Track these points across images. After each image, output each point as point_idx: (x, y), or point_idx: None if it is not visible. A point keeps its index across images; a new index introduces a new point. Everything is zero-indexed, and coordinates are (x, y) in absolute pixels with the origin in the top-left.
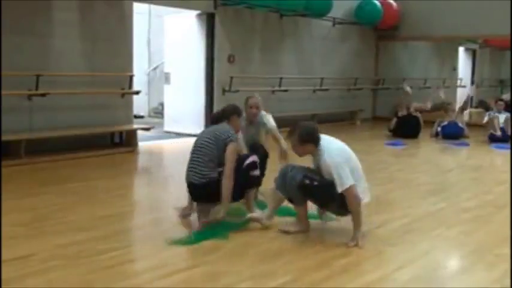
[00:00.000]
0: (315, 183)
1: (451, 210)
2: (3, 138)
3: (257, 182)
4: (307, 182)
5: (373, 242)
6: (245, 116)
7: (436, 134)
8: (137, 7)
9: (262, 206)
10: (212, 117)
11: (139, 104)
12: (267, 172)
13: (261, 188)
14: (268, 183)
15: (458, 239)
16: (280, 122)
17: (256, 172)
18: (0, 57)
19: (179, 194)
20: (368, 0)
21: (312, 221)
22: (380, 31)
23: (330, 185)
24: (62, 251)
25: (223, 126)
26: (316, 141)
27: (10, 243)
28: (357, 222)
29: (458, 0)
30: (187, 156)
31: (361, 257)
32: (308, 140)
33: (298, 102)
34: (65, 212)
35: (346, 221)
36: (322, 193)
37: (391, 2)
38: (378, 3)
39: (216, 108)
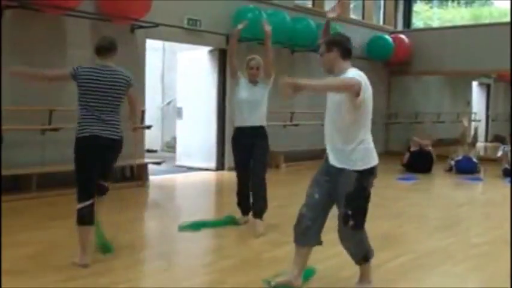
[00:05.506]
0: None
1: (459, 246)
2: (15, 172)
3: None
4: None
5: (380, 277)
6: (246, 77)
7: (450, 169)
8: (153, 44)
9: None
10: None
11: (153, 138)
12: None
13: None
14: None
15: (465, 276)
16: (291, 157)
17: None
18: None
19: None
20: (379, 36)
21: None
22: (392, 66)
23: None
24: (61, 285)
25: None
26: (342, 48)
27: (12, 277)
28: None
29: (470, 35)
30: (197, 191)
31: None
32: (335, 43)
33: (309, 136)
34: (70, 246)
35: None
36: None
37: (403, 37)
38: (389, 38)
39: (228, 142)
